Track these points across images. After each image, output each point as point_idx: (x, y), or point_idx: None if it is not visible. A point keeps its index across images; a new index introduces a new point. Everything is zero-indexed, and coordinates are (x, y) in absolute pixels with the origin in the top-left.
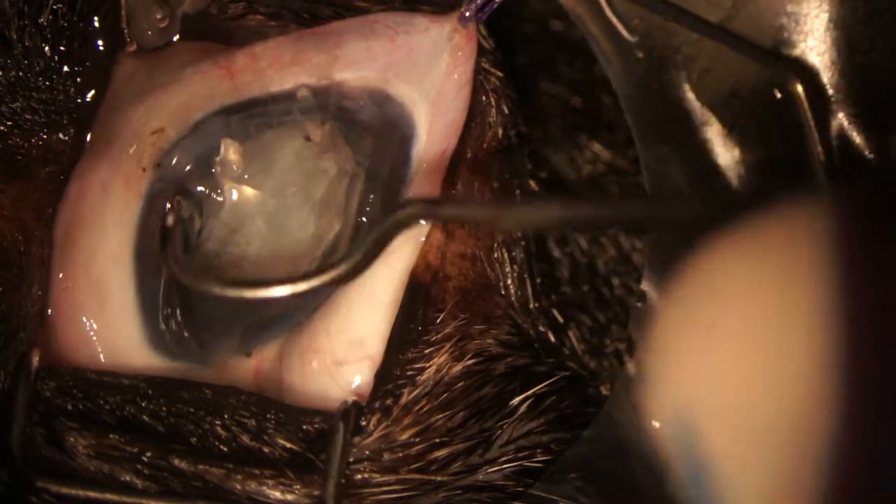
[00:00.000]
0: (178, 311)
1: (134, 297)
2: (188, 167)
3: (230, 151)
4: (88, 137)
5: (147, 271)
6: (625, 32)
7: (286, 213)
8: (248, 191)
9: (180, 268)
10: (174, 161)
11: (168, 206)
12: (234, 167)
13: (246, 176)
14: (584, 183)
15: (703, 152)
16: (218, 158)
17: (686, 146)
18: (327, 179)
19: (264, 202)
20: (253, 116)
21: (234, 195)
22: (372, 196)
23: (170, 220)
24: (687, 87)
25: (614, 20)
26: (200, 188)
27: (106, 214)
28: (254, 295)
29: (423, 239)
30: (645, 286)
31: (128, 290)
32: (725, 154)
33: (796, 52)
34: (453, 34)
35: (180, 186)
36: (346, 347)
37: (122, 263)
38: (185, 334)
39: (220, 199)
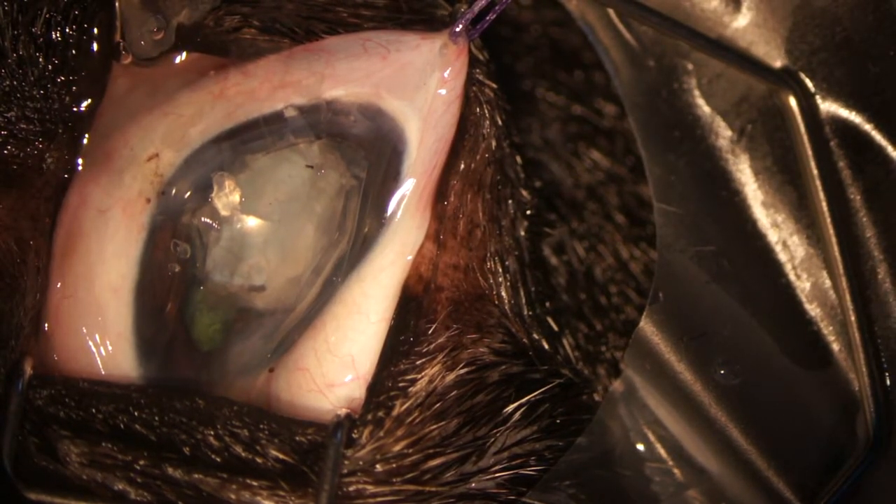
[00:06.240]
0: (180, 345)
1: (131, 328)
2: (187, 195)
3: (226, 184)
4: (85, 147)
5: (147, 307)
6: (634, 41)
7: (289, 238)
8: (250, 219)
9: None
10: (174, 192)
11: (171, 246)
12: (232, 197)
13: (246, 204)
14: (582, 190)
15: (710, 160)
16: (214, 192)
17: (693, 154)
18: (325, 198)
19: (266, 229)
20: (247, 141)
21: (236, 224)
22: (367, 210)
23: (175, 266)
24: (697, 93)
25: (624, 29)
26: (202, 219)
27: (106, 243)
28: None
29: (413, 255)
30: None
31: (126, 321)
32: (733, 161)
33: (799, 62)
34: (444, 51)
35: (182, 219)
36: (337, 369)
37: (121, 295)
38: (186, 370)
39: (221, 229)
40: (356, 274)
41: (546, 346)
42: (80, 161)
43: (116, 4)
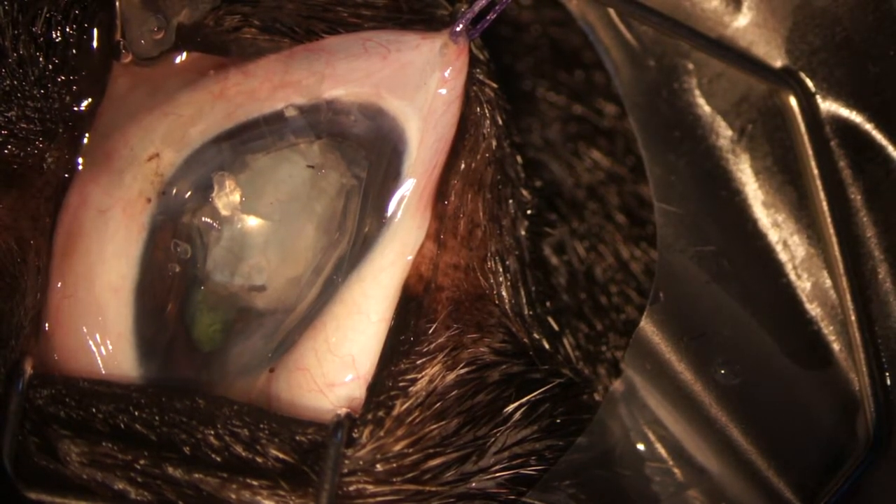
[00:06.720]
0: (180, 345)
1: (132, 328)
2: (188, 195)
3: (226, 184)
4: (85, 147)
5: (148, 307)
6: (634, 41)
7: (289, 238)
8: (250, 219)
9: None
10: (174, 191)
11: (172, 247)
12: (233, 197)
13: (246, 204)
14: (582, 190)
15: (711, 160)
16: (214, 192)
17: (693, 154)
18: (326, 198)
19: (267, 229)
20: (247, 141)
21: (237, 224)
22: (367, 210)
23: (175, 267)
24: (697, 93)
25: (624, 29)
26: (202, 219)
27: (106, 243)
28: None
29: (413, 255)
30: None
31: (126, 321)
32: (734, 161)
33: (799, 62)
34: (445, 50)
35: (182, 219)
36: (337, 368)
37: (121, 295)
38: (186, 370)
39: (221, 229)
40: (356, 274)
41: (546, 346)
42: (80, 161)
43: (117, 4)
